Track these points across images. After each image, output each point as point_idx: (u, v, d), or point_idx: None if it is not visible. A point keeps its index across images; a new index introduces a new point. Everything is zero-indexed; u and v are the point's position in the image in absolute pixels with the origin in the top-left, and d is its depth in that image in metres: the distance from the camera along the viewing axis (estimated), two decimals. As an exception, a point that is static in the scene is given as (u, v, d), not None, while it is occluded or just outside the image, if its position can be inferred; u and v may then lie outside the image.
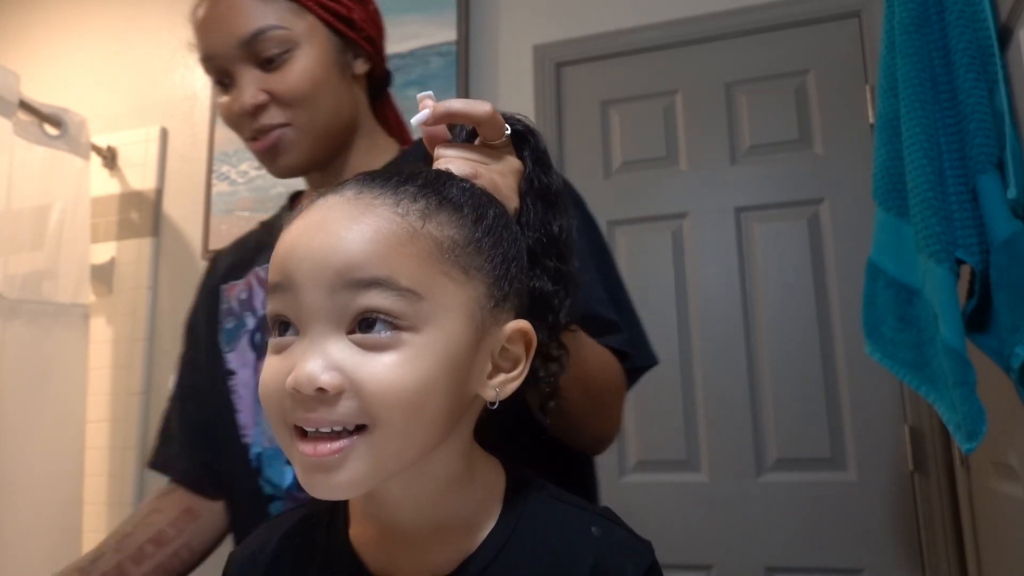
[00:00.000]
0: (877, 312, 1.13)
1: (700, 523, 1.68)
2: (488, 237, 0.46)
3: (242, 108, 0.76)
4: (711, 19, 1.87)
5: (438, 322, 0.42)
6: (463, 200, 0.46)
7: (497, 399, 0.46)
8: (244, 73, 0.76)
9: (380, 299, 0.41)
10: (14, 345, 1.87)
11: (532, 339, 0.47)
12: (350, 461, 0.41)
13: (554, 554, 0.47)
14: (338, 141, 0.81)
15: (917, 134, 1.04)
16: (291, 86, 0.75)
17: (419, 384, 0.41)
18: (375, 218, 0.42)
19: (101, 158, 2.32)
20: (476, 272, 0.44)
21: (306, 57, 0.76)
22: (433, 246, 0.43)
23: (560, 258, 0.52)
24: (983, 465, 1.28)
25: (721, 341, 1.74)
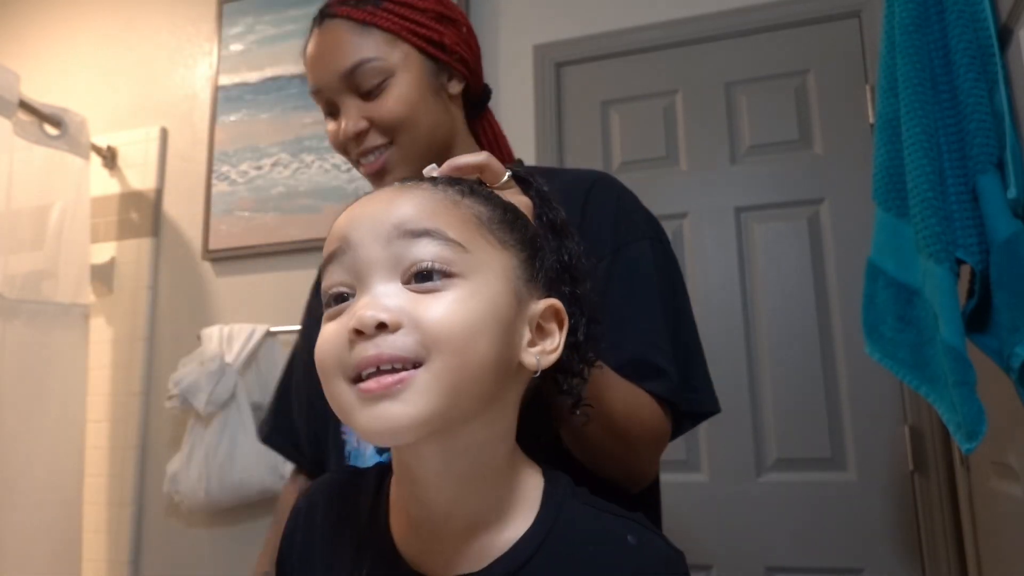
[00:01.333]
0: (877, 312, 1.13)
1: (700, 523, 1.68)
2: (517, 221, 0.51)
3: (346, 134, 0.81)
4: (711, 19, 1.87)
5: (483, 275, 0.46)
6: (492, 196, 0.52)
7: (538, 368, 0.49)
8: (347, 102, 0.82)
9: (432, 247, 0.44)
10: (14, 345, 1.87)
11: (564, 317, 0.51)
12: (411, 393, 0.42)
13: (590, 564, 0.47)
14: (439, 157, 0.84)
15: (917, 134, 1.04)
16: (389, 111, 0.81)
17: (471, 321, 0.44)
18: (421, 190, 0.48)
19: (101, 158, 2.32)
20: (510, 246, 0.49)
21: (402, 83, 0.81)
22: (472, 215, 0.48)
23: (573, 282, 0.56)
24: (983, 465, 1.28)
25: (721, 341, 1.74)
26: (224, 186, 2.21)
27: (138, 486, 2.12)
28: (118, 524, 2.10)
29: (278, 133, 2.19)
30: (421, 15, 0.83)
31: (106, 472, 2.14)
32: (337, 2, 0.83)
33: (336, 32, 0.81)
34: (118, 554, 2.08)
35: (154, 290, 2.23)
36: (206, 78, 2.35)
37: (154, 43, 2.44)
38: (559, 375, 0.53)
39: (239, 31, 2.30)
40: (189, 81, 2.37)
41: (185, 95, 2.37)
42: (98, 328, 2.19)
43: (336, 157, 2.10)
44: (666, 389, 0.71)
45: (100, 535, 2.10)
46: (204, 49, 2.37)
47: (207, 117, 2.30)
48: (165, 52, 2.42)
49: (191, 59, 2.39)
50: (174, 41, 2.42)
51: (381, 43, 0.81)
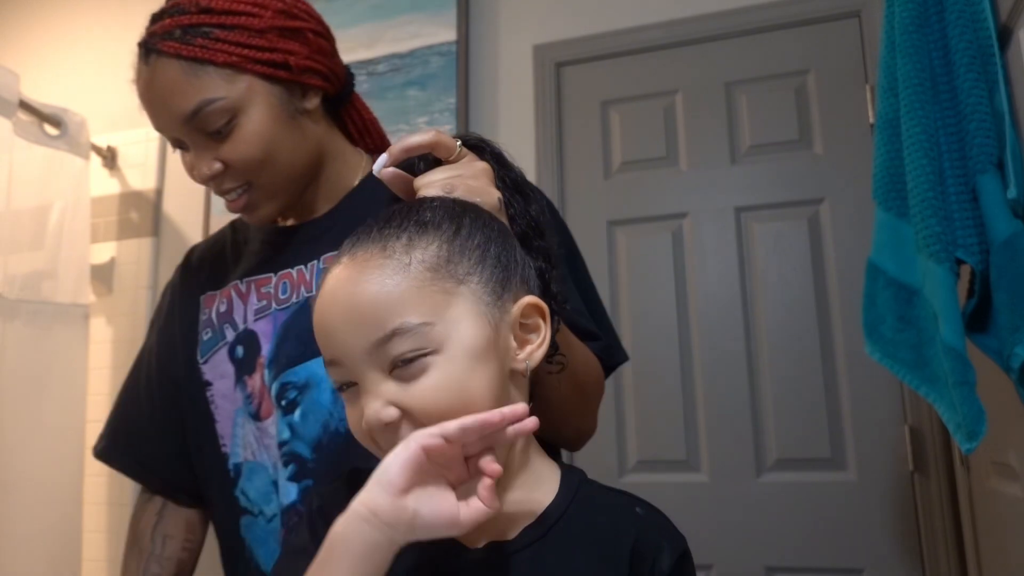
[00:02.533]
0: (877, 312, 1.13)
1: (700, 523, 1.68)
2: (469, 242, 0.52)
3: (201, 177, 0.76)
4: (711, 19, 1.87)
5: (454, 335, 0.49)
6: (438, 218, 0.53)
7: (528, 369, 0.53)
8: (195, 144, 0.76)
9: (402, 343, 0.48)
10: (14, 345, 1.87)
11: (544, 308, 0.54)
12: None
13: (602, 529, 0.53)
14: (306, 178, 0.81)
15: (917, 134, 1.04)
16: (242, 155, 0.74)
17: (453, 393, 0.49)
18: (372, 274, 0.50)
19: (101, 158, 2.32)
20: (468, 276, 0.51)
21: (251, 120, 0.74)
22: (424, 271, 0.50)
23: (540, 235, 0.60)
24: (983, 465, 1.28)
25: (721, 341, 1.74)
26: (224, 186, 2.21)
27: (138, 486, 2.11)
28: (118, 524, 2.09)
29: (278, 133, 2.19)
30: (259, 38, 0.74)
31: (106, 472, 2.12)
32: (160, 35, 0.74)
33: (167, 72, 0.73)
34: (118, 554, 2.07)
35: (154, 290, 2.23)
36: (206, 78, 2.34)
37: (154, 43, 2.44)
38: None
39: (239, 31, 2.30)
40: (189, 81, 2.37)
41: (185, 95, 2.36)
42: (98, 328, 2.18)
43: (336, 157, 2.10)
44: (600, 348, 0.76)
45: (100, 535, 2.10)
46: (204, 49, 2.37)
47: (207, 117, 2.29)
48: (165, 52, 2.42)
49: (191, 59, 2.39)
50: (174, 41, 2.42)
51: (220, 80, 0.72)
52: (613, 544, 0.53)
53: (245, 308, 0.81)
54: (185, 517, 0.88)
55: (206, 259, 0.92)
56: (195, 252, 0.94)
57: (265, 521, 0.77)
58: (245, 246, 0.89)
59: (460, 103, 1.99)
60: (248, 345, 0.80)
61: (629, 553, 0.52)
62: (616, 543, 0.53)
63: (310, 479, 0.74)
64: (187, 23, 0.73)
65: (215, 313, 0.84)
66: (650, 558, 0.52)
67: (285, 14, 0.77)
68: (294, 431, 0.75)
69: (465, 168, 0.59)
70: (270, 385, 0.77)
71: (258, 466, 0.78)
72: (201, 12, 0.73)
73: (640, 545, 0.52)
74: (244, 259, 0.86)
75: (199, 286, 0.88)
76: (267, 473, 0.77)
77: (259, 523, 0.78)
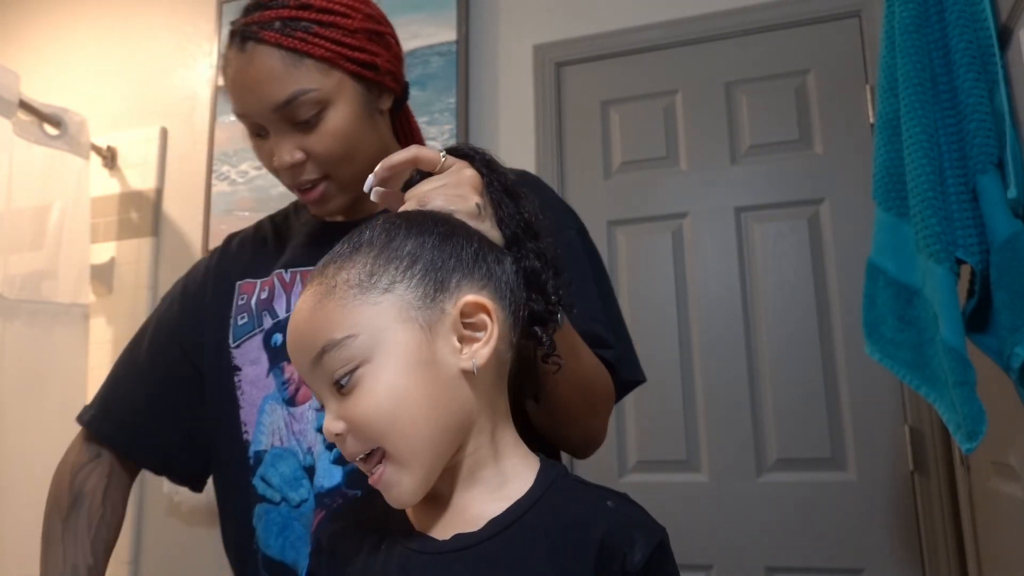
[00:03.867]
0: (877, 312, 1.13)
1: (700, 523, 1.68)
2: (395, 253, 0.54)
3: (281, 165, 0.78)
4: (711, 19, 1.87)
5: (380, 344, 0.52)
6: (374, 236, 0.55)
7: (475, 367, 0.53)
8: (280, 132, 0.78)
9: (331, 359, 0.52)
10: (14, 345, 1.87)
11: (487, 306, 0.54)
12: (393, 480, 0.52)
13: (569, 522, 0.54)
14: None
15: (917, 134, 1.04)
16: (327, 146, 0.78)
17: (389, 399, 0.51)
18: (308, 300, 0.54)
19: (101, 158, 2.32)
20: (394, 284, 0.53)
21: (338, 114, 0.78)
22: (348, 289, 0.53)
23: (535, 237, 0.61)
24: (983, 465, 1.28)
25: (721, 341, 1.74)
26: (224, 186, 2.21)
27: (138, 486, 2.11)
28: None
29: (278, 133, 2.19)
30: (352, 38, 0.78)
31: (106, 472, 2.14)
32: (259, 24, 0.77)
33: (265, 60, 0.76)
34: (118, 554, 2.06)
35: (154, 290, 2.23)
36: (206, 78, 2.35)
37: (154, 43, 2.44)
38: (535, 327, 0.58)
39: (239, 31, 2.30)
40: (189, 81, 2.37)
41: (185, 95, 2.37)
42: (98, 328, 2.19)
43: (336, 157, 2.10)
44: (613, 356, 0.77)
45: (100, 535, 2.10)
46: (204, 49, 2.38)
47: (207, 117, 2.30)
48: (165, 52, 2.42)
49: (191, 59, 2.39)
50: (174, 41, 2.42)
51: (315, 73, 0.76)
52: (580, 537, 0.52)
53: (288, 297, 0.82)
54: (125, 490, 0.89)
55: (246, 247, 0.92)
56: (235, 239, 0.95)
57: (289, 508, 0.77)
58: (289, 239, 0.90)
59: (460, 103, 1.99)
60: None
61: (597, 547, 0.52)
62: (583, 536, 0.52)
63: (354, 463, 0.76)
64: (287, 16, 0.77)
65: (255, 300, 0.84)
66: (620, 552, 0.52)
67: (372, 19, 0.82)
68: None
69: (449, 178, 0.61)
70: None
71: (286, 452, 0.78)
72: (300, 8, 0.77)
73: (609, 539, 0.52)
74: (288, 251, 0.87)
75: (237, 272, 0.88)
76: (296, 459, 0.77)
77: (280, 510, 0.77)
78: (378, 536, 0.58)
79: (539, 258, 0.59)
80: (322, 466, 0.75)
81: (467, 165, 0.62)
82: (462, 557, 0.53)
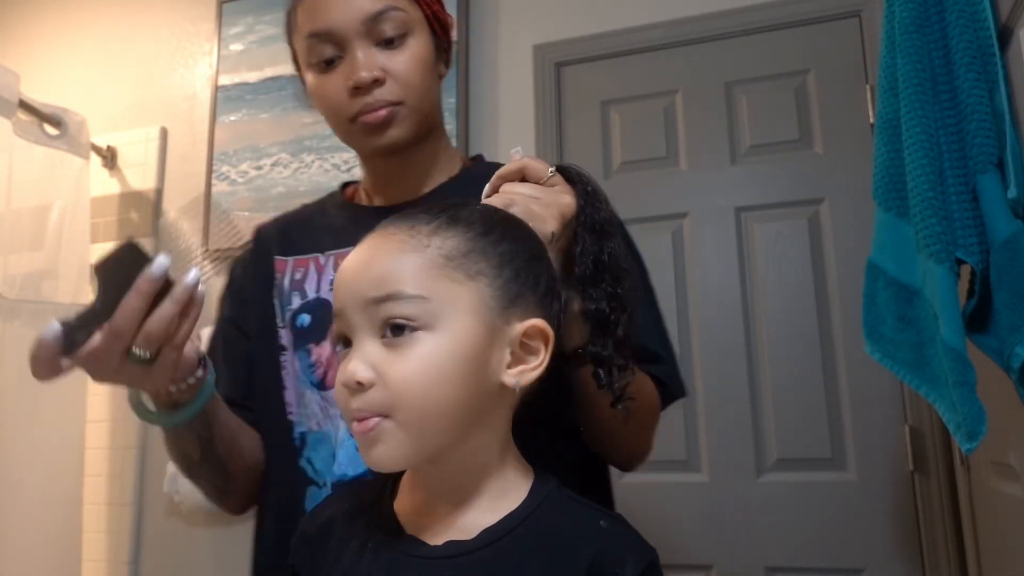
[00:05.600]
0: (877, 312, 1.13)
1: (700, 523, 1.68)
2: (492, 247, 0.54)
3: (359, 81, 0.77)
4: (711, 19, 1.87)
5: (447, 319, 0.51)
6: (473, 219, 0.56)
7: (517, 387, 0.54)
8: (362, 49, 0.78)
9: (395, 307, 0.51)
10: (14, 345, 1.87)
11: (549, 335, 0.55)
12: (382, 438, 0.51)
13: (561, 538, 0.54)
14: (427, 130, 0.84)
15: (917, 134, 1.04)
16: (408, 68, 0.79)
17: (430, 373, 0.51)
18: (390, 243, 0.54)
19: (101, 158, 2.32)
20: (480, 276, 0.53)
21: (418, 43, 0.80)
22: (438, 255, 0.53)
23: (614, 280, 0.61)
24: (983, 465, 1.28)
25: (721, 341, 1.74)
26: (224, 186, 2.21)
27: (138, 486, 2.12)
28: (118, 524, 2.09)
29: (278, 133, 2.19)
30: None
31: (106, 472, 2.14)
32: None
33: None
34: (118, 554, 2.08)
35: (154, 290, 2.23)
36: (206, 78, 2.35)
37: (154, 43, 2.44)
38: (599, 370, 0.60)
39: (239, 31, 2.30)
40: (189, 81, 2.37)
41: (185, 95, 2.37)
42: (98, 328, 2.18)
43: (336, 157, 2.10)
44: (663, 372, 0.77)
45: (100, 535, 2.10)
46: (204, 49, 2.37)
47: (207, 117, 2.30)
48: (165, 52, 2.42)
49: (191, 59, 2.39)
50: (174, 41, 2.42)
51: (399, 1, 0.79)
52: (571, 554, 0.53)
53: (320, 279, 0.82)
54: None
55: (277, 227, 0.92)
56: (264, 226, 0.94)
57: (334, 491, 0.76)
58: (327, 222, 0.89)
59: (460, 103, 1.99)
60: (318, 314, 0.81)
61: (588, 564, 0.52)
62: (574, 554, 0.53)
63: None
64: None
65: (288, 280, 0.84)
66: (611, 572, 0.52)
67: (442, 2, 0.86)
68: None
69: (544, 193, 0.62)
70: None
71: (324, 436, 0.78)
72: None
73: (601, 558, 0.53)
74: (329, 234, 0.86)
75: (275, 248, 0.88)
76: (330, 443, 0.77)
77: (323, 493, 0.76)
78: (365, 534, 0.58)
79: (611, 301, 0.60)
80: (346, 453, 0.74)
81: (569, 191, 0.63)
82: (455, 564, 0.53)
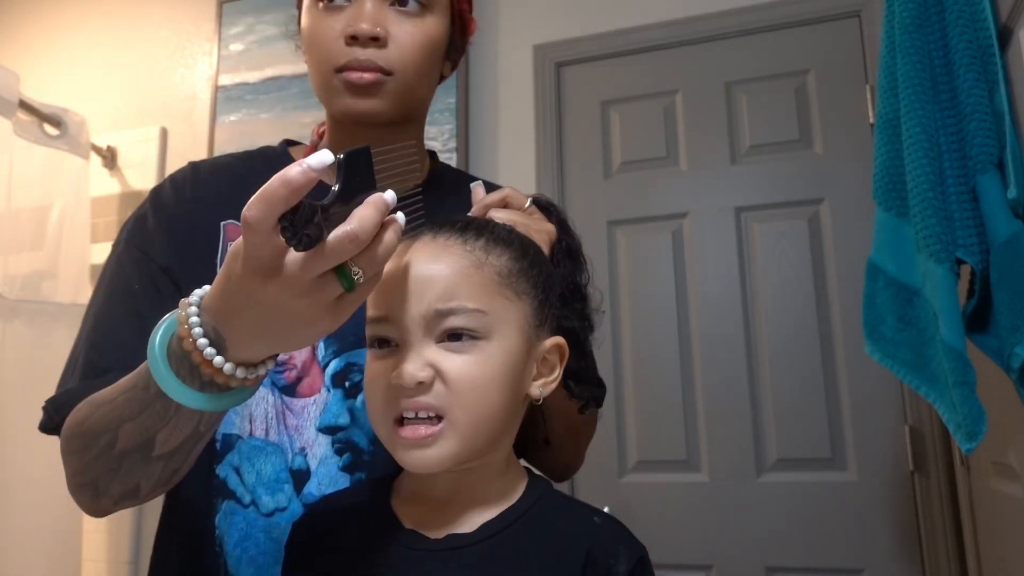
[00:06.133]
0: (877, 312, 1.13)
1: (700, 523, 1.68)
2: (532, 268, 0.59)
3: (358, 31, 0.70)
4: (711, 19, 1.87)
5: (500, 332, 0.55)
6: (511, 239, 0.60)
7: (541, 397, 0.59)
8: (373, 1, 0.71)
9: (457, 320, 0.54)
10: (14, 345, 1.87)
11: (565, 351, 0.60)
12: (439, 441, 0.53)
13: (558, 532, 0.57)
14: (408, 117, 0.77)
15: (917, 134, 1.04)
16: (413, 40, 0.72)
17: (487, 376, 0.54)
18: (449, 256, 0.56)
19: (101, 158, 2.32)
20: (524, 295, 0.58)
21: (435, 24, 0.74)
22: (494, 273, 0.56)
23: (583, 300, 0.67)
24: (983, 465, 1.28)
25: (721, 341, 1.74)
26: (224, 186, 2.21)
27: (138, 486, 2.11)
28: (118, 524, 2.09)
29: (278, 133, 2.19)
30: None
31: (106, 472, 2.14)
32: None
33: None
34: (118, 554, 2.08)
35: (154, 290, 2.23)
36: (206, 78, 2.35)
37: (154, 43, 2.44)
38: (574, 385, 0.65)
39: (239, 31, 2.30)
40: (189, 81, 2.37)
41: (185, 95, 2.37)
42: (98, 328, 2.18)
43: (336, 157, 2.10)
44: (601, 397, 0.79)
45: (100, 535, 2.10)
46: (204, 49, 2.37)
47: (207, 117, 2.30)
48: (165, 52, 2.42)
49: (191, 59, 2.39)
50: (174, 41, 2.42)
51: None
52: (567, 547, 0.55)
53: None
54: None
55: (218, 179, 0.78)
56: (202, 168, 0.80)
57: (257, 514, 0.67)
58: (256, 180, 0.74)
59: (460, 103, 1.99)
60: None
61: (583, 557, 0.55)
62: (571, 546, 0.55)
63: (363, 472, 0.68)
64: None
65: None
66: (605, 564, 0.55)
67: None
68: (355, 418, 0.69)
69: (532, 222, 0.66)
70: (326, 362, 0.71)
71: (270, 447, 0.68)
72: None
73: (595, 551, 0.55)
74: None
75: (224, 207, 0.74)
76: (283, 459, 0.68)
77: (247, 515, 0.67)
78: (364, 530, 0.59)
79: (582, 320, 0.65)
80: (325, 473, 0.68)
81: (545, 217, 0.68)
82: (456, 556, 0.55)
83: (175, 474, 0.58)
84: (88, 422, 0.57)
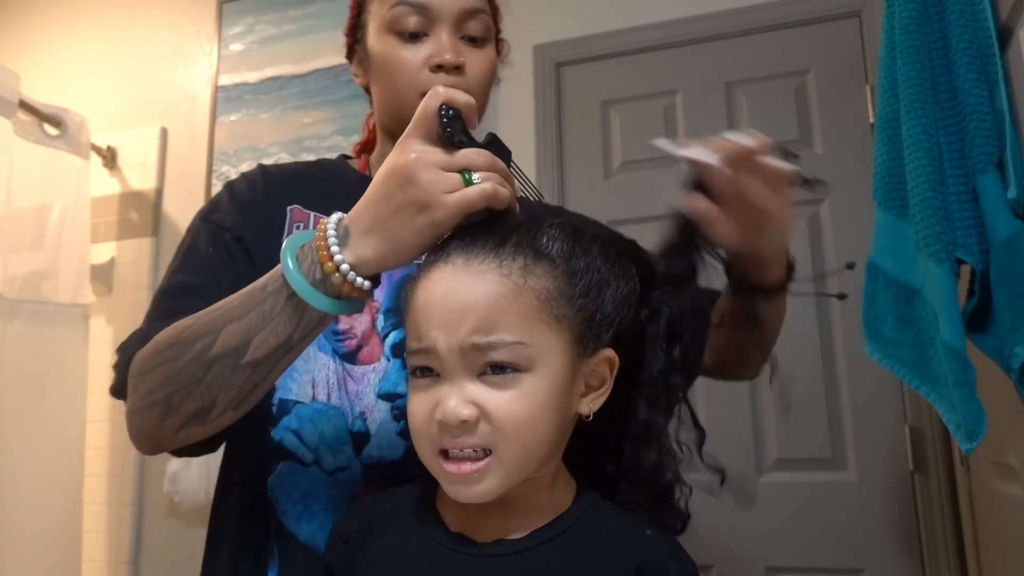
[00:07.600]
0: (877, 312, 1.13)
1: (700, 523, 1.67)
2: (572, 290, 0.56)
3: (445, 61, 0.78)
4: (711, 19, 1.87)
5: (543, 361, 0.54)
6: (553, 250, 0.56)
7: (590, 412, 0.57)
8: (450, 36, 0.80)
9: (497, 354, 0.53)
10: (14, 345, 1.87)
11: (615, 362, 0.58)
12: (487, 477, 0.53)
13: (609, 544, 0.56)
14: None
15: (917, 134, 1.04)
16: (484, 69, 0.82)
17: (532, 411, 0.53)
18: (485, 284, 0.54)
19: (101, 158, 2.32)
20: (565, 321, 0.55)
21: (492, 52, 0.85)
22: (533, 299, 0.54)
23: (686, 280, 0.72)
24: (983, 465, 1.28)
25: (721, 341, 1.74)
26: (224, 186, 2.21)
27: (138, 486, 2.12)
28: (118, 524, 2.10)
29: (278, 133, 2.19)
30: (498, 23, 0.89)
31: (106, 472, 2.14)
32: None
33: None
34: (118, 554, 2.08)
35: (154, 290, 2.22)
36: (206, 78, 2.35)
37: (154, 43, 2.44)
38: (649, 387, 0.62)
39: (239, 31, 2.31)
40: (189, 81, 2.37)
41: (185, 95, 2.37)
42: (98, 328, 2.18)
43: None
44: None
45: (100, 535, 2.10)
46: (204, 49, 2.37)
47: (207, 117, 2.30)
48: (165, 52, 2.42)
49: (191, 59, 2.39)
50: (174, 41, 2.42)
51: (488, 8, 0.85)
52: (618, 560, 0.54)
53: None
54: None
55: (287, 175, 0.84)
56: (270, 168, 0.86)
57: (320, 472, 0.71)
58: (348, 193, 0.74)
59: (460, 103, 1.99)
60: None
61: (634, 571, 0.53)
62: (621, 559, 0.54)
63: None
64: None
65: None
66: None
67: None
68: None
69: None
70: (385, 332, 0.75)
71: (331, 410, 0.72)
72: None
73: (647, 566, 0.54)
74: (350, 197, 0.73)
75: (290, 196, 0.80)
76: (344, 421, 0.72)
77: (309, 473, 0.71)
78: (405, 532, 0.59)
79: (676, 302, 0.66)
80: (383, 437, 0.72)
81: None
82: (505, 562, 0.55)
83: (253, 391, 0.61)
84: (187, 331, 0.61)
